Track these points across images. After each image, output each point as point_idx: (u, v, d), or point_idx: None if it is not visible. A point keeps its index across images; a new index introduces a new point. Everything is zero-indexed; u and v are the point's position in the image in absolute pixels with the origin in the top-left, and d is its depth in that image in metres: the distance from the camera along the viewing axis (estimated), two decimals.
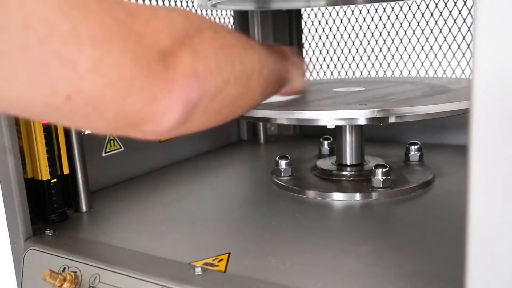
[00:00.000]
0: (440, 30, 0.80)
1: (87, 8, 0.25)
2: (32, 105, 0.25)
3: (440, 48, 0.80)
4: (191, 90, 0.29)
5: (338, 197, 0.56)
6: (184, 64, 0.29)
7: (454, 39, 0.79)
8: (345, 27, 0.89)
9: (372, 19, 0.85)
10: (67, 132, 0.55)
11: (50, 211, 0.54)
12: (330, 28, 0.90)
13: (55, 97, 0.25)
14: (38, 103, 0.25)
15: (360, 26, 0.87)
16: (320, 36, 0.92)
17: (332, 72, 0.92)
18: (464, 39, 0.78)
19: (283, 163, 0.64)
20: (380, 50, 0.86)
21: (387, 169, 0.56)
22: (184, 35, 0.31)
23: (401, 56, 0.84)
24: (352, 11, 0.87)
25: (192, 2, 0.81)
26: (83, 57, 0.24)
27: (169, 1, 0.77)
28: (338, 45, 0.90)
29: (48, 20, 0.23)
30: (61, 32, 0.23)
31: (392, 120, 0.50)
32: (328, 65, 0.92)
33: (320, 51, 0.92)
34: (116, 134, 0.30)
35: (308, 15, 0.92)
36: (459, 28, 0.78)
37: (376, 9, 0.85)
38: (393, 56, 0.85)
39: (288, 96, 0.55)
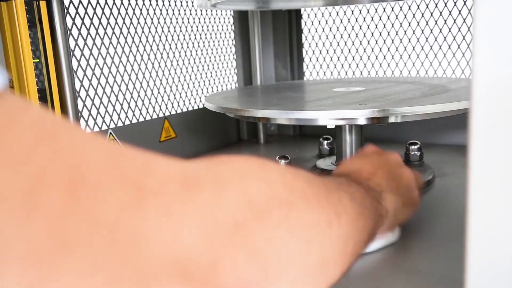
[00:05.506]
0: (440, 30, 0.80)
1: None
2: None
3: (440, 48, 0.80)
4: None
5: None
6: (229, 278, 0.20)
7: (454, 39, 0.79)
8: (345, 27, 0.89)
9: (372, 19, 0.85)
10: None
11: None
12: (330, 28, 0.90)
13: None
14: None
15: (360, 26, 0.87)
16: (320, 36, 0.92)
17: (332, 72, 0.92)
18: (464, 39, 0.78)
19: (283, 163, 0.64)
20: (380, 50, 0.86)
21: None
22: (235, 225, 0.21)
23: (401, 56, 0.84)
24: (352, 11, 0.87)
25: (192, 2, 0.81)
26: None
27: (169, 1, 0.77)
28: (338, 45, 0.90)
29: None
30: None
31: (392, 120, 0.50)
32: (328, 65, 0.92)
33: (320, 51, 0.92)
34: None
35: (308, 15, 0.92)
36: (459, 28, 0.78)
37: (376, 9, 0.85)
38: (393, 56, 0.85)
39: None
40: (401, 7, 0.82)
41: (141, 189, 0.18)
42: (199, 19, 0.84)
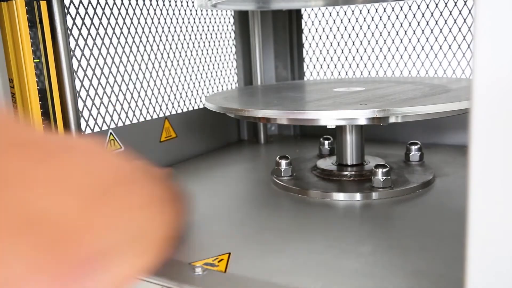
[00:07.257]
0: (440, 30, 0.80)
1: None
2: None
3: (440, 48, 0.80)
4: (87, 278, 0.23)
5: (338, 197, 0.56)
6: (84, 244, 0.22)
7: (454, 39, 0.79)
8: (345, 27, 0.89)
9: (372, 19, 0.85)
10: (66, 130, 0.55)
11: None
12: (330, 28, 0.90)
13: None
14: None
15: (360, 26, 0.87)
16: (320, 36, 0.92)
17: (332, 72, 0.92)
18: (464, 39, 0.78)
19: (283, 163, 0.64)
20: (380, 50, 0.86)
21: (387, 169, 0.56)
22: (90, 196, 0.24)
23: (401, 56, 0.84)
24: (352, 11, 0.87)
25: (192, 2, 0.81)
26: None
27: (169, 1, 0.77)
28: (338, 45, 0.90)
29: None
30: None
31: (392, 120, 0.50)
32: (328, 65, 0.92)
33: (320, 51, 0.92)
34: None
35: (308, 15, 0.92)
36: (459, 28, 0.78)
37: (376, 9, 0.85)
38: (393, 56, 0.85)
39: None
40: (401, 7, 0.82)
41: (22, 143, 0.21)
42: (199, 19, 0.84)
